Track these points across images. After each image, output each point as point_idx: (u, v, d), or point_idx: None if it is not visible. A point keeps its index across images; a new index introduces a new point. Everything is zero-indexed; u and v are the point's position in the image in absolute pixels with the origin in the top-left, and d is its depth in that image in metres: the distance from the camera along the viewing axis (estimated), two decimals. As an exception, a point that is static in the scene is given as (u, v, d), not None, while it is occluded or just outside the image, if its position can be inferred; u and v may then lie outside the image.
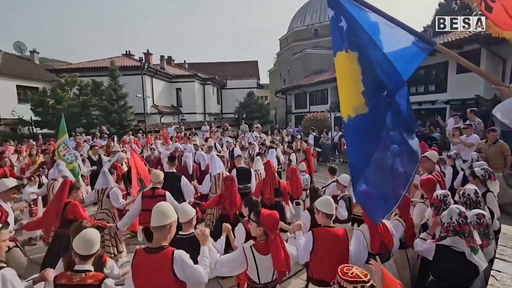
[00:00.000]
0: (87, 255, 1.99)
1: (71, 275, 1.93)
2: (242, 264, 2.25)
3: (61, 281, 1.91)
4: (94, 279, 1.92)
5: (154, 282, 1.95)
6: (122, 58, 22.21)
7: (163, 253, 2.00)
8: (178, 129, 14.48)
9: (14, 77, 19.83)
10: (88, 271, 1.96)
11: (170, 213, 2.12)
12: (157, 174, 3.92)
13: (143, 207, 3.70)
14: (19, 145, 11.06)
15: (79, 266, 1.97)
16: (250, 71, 32.25)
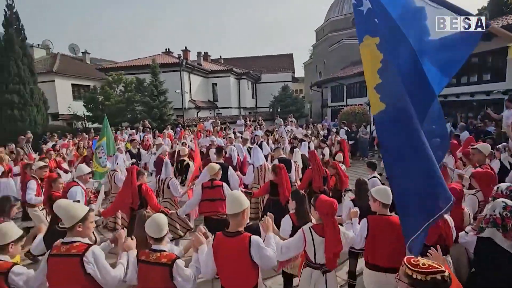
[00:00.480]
0: (159, 237, 2.22)
1: (149, 253, 2.18)
2: (302, 246, 2.46)
3: (142, 257, 2.19)
4: (167, 259, 2.14)
5: (233, 263, 2.19)
6: (162, 56, 23.30)
7: (241, 237, 2.20)
8: (214, 123, 14.91)
9: (70, 77, 21.90)
10: (162, 251, 2.19)
11: (243, 201, 2.29)
12: (213, 167, 4.12)
13: (203, 197, 3.95)
14: (74, 138, 12.24)
15: (155, 246, 2.22)
16: (285, 64, 31.89)
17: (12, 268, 2.08)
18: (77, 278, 2.03)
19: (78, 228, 2.13)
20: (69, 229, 2.14)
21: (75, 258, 2.02)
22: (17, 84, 15.12)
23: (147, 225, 2.26)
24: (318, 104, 29.09)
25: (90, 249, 2.07)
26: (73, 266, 2.02)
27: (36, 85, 16.44)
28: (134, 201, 3.84)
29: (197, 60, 25.92)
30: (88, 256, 2.03)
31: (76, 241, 2.10)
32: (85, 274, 2.02)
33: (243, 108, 27.10)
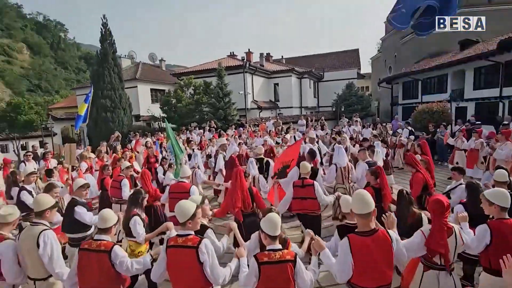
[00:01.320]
0: (275, 235, 2.29)
1: (269, 254, 2.22)
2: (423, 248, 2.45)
3: (263, 259, 2.19)
4: (291, 255, 2.22)
5: (377, 258, 2.19)
6: (227, 59, 24.50)
7: (379, 234, 2.23)
8: (276, 124, 15.03)
9: (149, 82, 24.72)
10: (280, 250, 2.25)
11: (371, 201, 2.29)
12: (305, 166, 4.26)
13: (294, 195, 4.02)
14: (152, 137, 13.76)
15: (272, 246, 2.28)
16: (350, 60, 30.31)
17: (113, 248, 2.51)
18: (193, 266, 2.28)
19: (189, 224, 2.40)
20: (181, 224, 2.41)
21: (191, 249, 2.28)
22: (109, 90, 17.75)
23: (264, 222, 2.34)
24: (387, 102, 26.80)
25: (203, 241, 2.33)
26: (190, 256, 2.28)
27: (124, 91, 19.04)
28: (247, 203, 3.79)
29: (260, 61, 26.49)
30: (202, 247, 2.28)
31: (189, 234, 2.38)
32: (200, 263, 2.26)
33: (304, 107, 26.69)
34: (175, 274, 2.37)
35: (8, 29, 72.24)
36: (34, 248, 2.62)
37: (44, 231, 2.69)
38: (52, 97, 45.67)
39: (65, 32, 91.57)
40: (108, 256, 2.46)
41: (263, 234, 2.32)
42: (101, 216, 2.66)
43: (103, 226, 2.62)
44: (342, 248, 2.27)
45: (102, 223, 2.62)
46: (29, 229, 2.75)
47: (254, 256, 2.24)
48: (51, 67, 74.34)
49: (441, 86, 18.60)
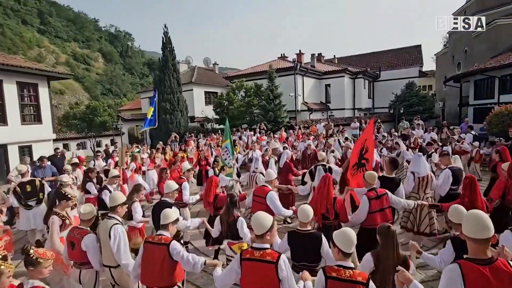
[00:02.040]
0: (348, 253, 2.14)
1: (339, 270, 2.07)
2: None
3: (331, 273, 2.07)
4: (363, 277, 2.03)
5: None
6: (278, 61, 24.61)
7: (499, 265, 1.84)
8: (327, 126, 14.62)
9: (203, 85, 26.11)
10: (352, 268, 2.10)
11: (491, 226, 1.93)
12: (373, 175, 3.89)
13: (371, 209, 3.62)
14: (206, 138, 14.53)
15: (342, 262, 2.12)
16: (410, 57, 27.99)
17: (171, 243, 2.72)
18: (271, 282, 2.21)
19: (267, 236, 2.36)
20: (259, 237, 2.36)
21: (270, 264, 2.21)
22: (169, 94, 19.23)
23: (339, 237, 2.18)
24: (455, 102, 24.04)
25: (282, 257, 2.25)
26: (268, 271, 2.21)
27: (181, 94, 20.45)
28: (330, 212, 3.66)
29: (311, 62, 26.03)
30: (281, 263, 2.21)
31: (266, 247, 2.33)
32: (278, 279, 2.19)
33: (357, 109, 25.44)
34: (250, 286, 2.32)
35: (88, 41, 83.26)
36: (107, 239, 3.00)
37: (114, 225, 3.04)
38: (120, 100, 51.21)
39: (132, 41, 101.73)
40: (167, 248, 2.66)
41: (335, 248, 2.17)
42: (163, 214, 2.89)
43: (163, 222, 2.85)
44: (451, 276, 1.90)
45: (163, 219, 2.86)
46: (105, 222, 3.16)
47: (322, 269, 2.14)
48: (120, 73, 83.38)
49: (525, 84, 16.06)
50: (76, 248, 3.08)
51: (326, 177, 3.78)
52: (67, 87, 61.46)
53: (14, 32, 63.00)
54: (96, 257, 3.10)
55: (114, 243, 2.97)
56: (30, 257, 2.30)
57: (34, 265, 2.30)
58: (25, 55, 51.25)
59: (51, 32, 76.03)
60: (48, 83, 14.62)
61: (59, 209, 3.84)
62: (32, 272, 2.31)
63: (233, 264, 2.40)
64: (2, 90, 12.62)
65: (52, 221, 3.69)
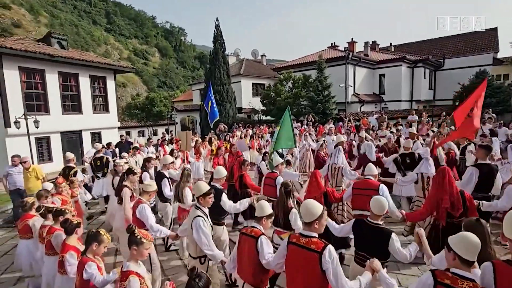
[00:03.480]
0: (471, 261, 1.82)
1: (455, 279, 1.79)
2: None
3: (445, 280, 1.81)
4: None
5: None
6: (328, 51, 23.69)
7: None
8: (380, 119, 13.75)
9: (251, 77, 26.43)
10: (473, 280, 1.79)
11: None
12: None
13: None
14: (254, 129, 14.76)
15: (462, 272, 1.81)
16: (483, 42, 24.63)
17: (260, 236, 2.58)
18: (313, 271, 2.16)
19: (315, 225, 2.29)
20: (307, 224, 2.32)
21: (314, 253, 2.16)
22: (219, 85, 19.90)
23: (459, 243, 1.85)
24: (538, 93, 20.62)
25: (328, 248, 2.16)
26: (312, 260, 2.17)
27: (230, 86, 21.01)
28: (456, 207, 3.31)
29: (364, 51, 24.54)
30: (326, 254, 2.12)
31: (313, 236, 2.28)
32: (321, 270, 2.12)
33: (415, 101, 23.37)
34: (292, 272, 2.33)
35: (146, 37, 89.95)
36: (189, 229, 3.12)
37: (196, 217, 3.03)
38: (174, 92, 54.61)
39: (185, 35, 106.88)
40: (255, 242, 2.54)
41: (451, 253, 1.88)
42: (259, 205, 2.75)
43: (259, 215, 2.71)
44: (484, 273, 1.87)
45: (259, 211, 2.72)
46: (193, 211, 3.18)
47: (432, 272, 1.88)
48: (174, 66, 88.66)
49: None
50: (133, 216, 3.56)
51: (444, 169, 3.52)
52: (128, 80, 67.60)
53: (86, 31, 70.94)
54: (148, 221, 3.49)
55: (197, 235, 2.98)
56: (135, 236, 2.39)
57: (138, 245, 2.36)
58: (95, 51, 57.40)
59: (115, 30, 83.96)
60: (114, 76, 16.25)
61: (128, 183, 4.37)
62: (134, 251, 2.36)
63: (282, 245, 2.47)
64: (78, 83, 14.39)
65: (124, 193, 4.20)
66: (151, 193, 3.78)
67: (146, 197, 3.71)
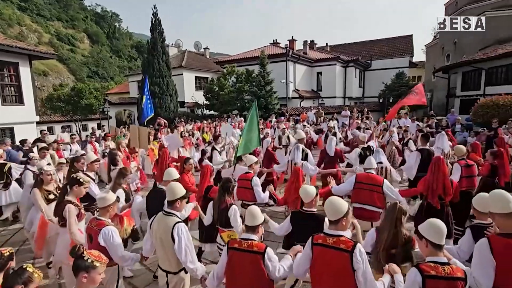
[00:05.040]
0: (440, 244, 1.96)
1: (436, 267, 1.89)
2: None
3: (430, 272, 1.87)
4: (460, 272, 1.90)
5: None
6: (270, 47, 24.27)
7: None
8: (317, 114, 14.67)
9: (194, 70, 25.58)
10: (448, 264, 1.93)
11: None
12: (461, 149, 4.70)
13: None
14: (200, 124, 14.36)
15: (437, 258, 1.95)
16: (401, 47, 28.10)
17: (266, 250, 2.30)
18: (344, 272, 2.06)
19: (343, 222, 2.21)
20: (333, 222, 2.22)
21: (345, 253, 2.06)
22: (158, 77, 18.77)
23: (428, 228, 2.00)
24: (442, 93, 24.51)
25: (358, 246, 2.08)
26: (342, 260, 2.06)
27: (171, 78, 19.99)
28: (447, 192, 3.65)
29: (303, 49, 25.80)
30: (356, 253, 2.04)
31: (341, 235, 2.16)
32: (353, 270, 2.03)
33: (348, 98, 25.59)
34: (320, 275, 2.19)
35: (72, 20, 79.55)
36: (167, 240, 2.53)
37: (177, 224, 2.54)
38: (107, 83, 49.74)
39: (119, 22, 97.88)
40: (262, 257, 2.24)
41: (423, 241, 1.99)
42: (251, 213, 2.42)
43: (252, 224, 2.39)
44: (479, 250, 2.07)
45: (251, 220, 2.40)
46: (163, 219, 2.62)
47: (417, 267, 1.91)
48: (107, 55, 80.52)
49: (508, 77, 16.44)
50: (94, 241, 2.63)
51: (437, 159, 3.79)
52: (51, 68, 59.06)
53: (-8, 8, 59.62)
54: (118, 251, 2.63)
55: (180, 245, 2.49)
56: (84, 260, 1.90)
57: (89, 270, 1.89)
58: (5, 33, 48.67)
59: (32, 9, 72.26)
60: (30, 63, 13.99)
61: (72, 197, 3.31)
62: (84, 279, 1.89)
63: (306, 249, 2.28)
64: (-20, 69, 12.02)
65: (68, 211, 3.15)
66: (110, 208, 2.80)
67: (107, 215, 2.78)
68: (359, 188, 3.81)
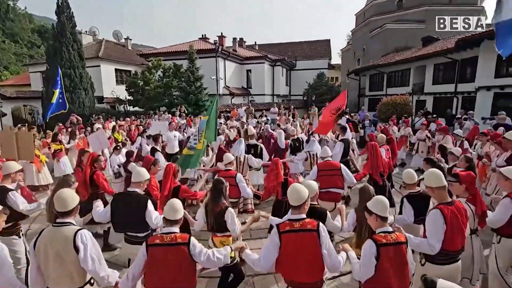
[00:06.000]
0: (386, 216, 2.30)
1: (386, 236, 2.20)
2: None
3: (382, 241, 2.17)
4: (403, 237, 2.30)
5: (463, 223, 2.54)
6: (199, 42, 23.64)
7: (458, 204, 2.59)
8: (248, 110, 14.96)
9: (113, 62, 23.14)
10: (394, 232, 2.29)
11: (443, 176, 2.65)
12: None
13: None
14: (117, 121, 13.02)
15: (385, 228, 2.28)
16: (321, 50, 30.79)
17: (190, 240, 2.29)
18: (315, 250, 2.21)
19: (305, 206, 2.36)
20: (296, 207, 2.34)
21: (313, 232, 2.23)
22: (68, 68, 16.31)
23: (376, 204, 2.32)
24: (355, 93, 27.85)
25: (320, 224, 2.29)
26: (312, 240, 2.22)
27: (85, 70, 17.61)
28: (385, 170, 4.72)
29: (232, 46, 25.94)
30: (321, 229, 2.25)
31: (304, 217, 2.32)
32: (320, 246, 2.21)
33: (276, 95, 26.84)
34: (294, 260, 2.25)
35: None
36: (68, 253, 2.19)
37: (79, 231, 2.23)
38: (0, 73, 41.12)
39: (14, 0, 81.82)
40: (187, 247, 2.23)
41: (372, 216, 2.28)
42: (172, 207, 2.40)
43: (173, 217, 2.37)
44: (434, 219, 2.44)
45: (172, 213, 2.38)
46: (55, 231, 2.25)
47: (372, 239, 2.18)
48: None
49: (404, 80, 19.67)
50: None
51: (373, 145, 4.68)
52: None
53: None
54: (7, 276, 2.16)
55: (86, 253, 2.19)
56: None
57: None
58: None
59: None
60: None
61: None
62: None
63: (272, 240, 2.30)
64: None
65: None
66: None
67: None
68: (322, 175, 4.29)
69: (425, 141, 8.59)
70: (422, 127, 9.05)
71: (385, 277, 2.10)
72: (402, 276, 2.13)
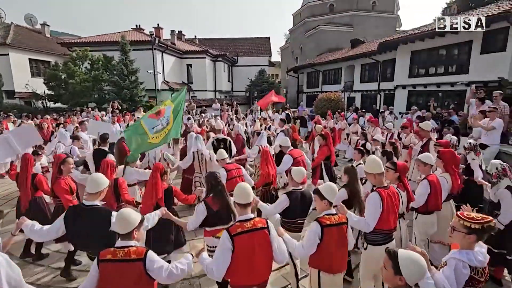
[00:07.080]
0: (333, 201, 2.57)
1: (330, 218, 2.47)
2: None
3: (326, 222, 2.44)
4: (345, 219, 2.61)
5: (395, 205, 2.82)
6: (132, 33, 21.84)
7: (391, 188, 2.90)
8: (189, 107, 14.43)
9: (27, 50, 19.86)
10: (336, 214, 2.58)
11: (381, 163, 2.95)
12: None
13: None
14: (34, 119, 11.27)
15: (331, 211, 2.55)
16: (262, 47, 31.41)
17: (147, 254, 2.00)
18: (268, 247, 2.26)
19: (248, 208, 2.35)
20: (244, 206, 2.33)
21: (263, 230, 2.25)
22: (-37, 56, 13.48)
23: (329, 191, 2.55)
24: (294, 89, 29.24)
25: (268, 220, 2.35)
26: (264, 237, 2.26)
27: (-13, 58, 14.76)
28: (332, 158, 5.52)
29: (171, 39, 24.70)
30: (270, 226, 2.32)
31: (253, 217, 2.32)
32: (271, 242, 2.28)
33: (218, 91, 26.51)
34: (252, 261, 2.19)
35: None
36: None
37: None
38: None
39: None
40: (143, 264, 1.94)
41: (324, 201, 2.49)
42: (122, 218, 2.04)
43: (125, 231, 2.04)
44: (373, 201, 2.68)
45: (125, 225, 2.04)
46: None
47: (317, 220, 2.42)
48: None
49: (336, 78, 21.38)
50: None
51: (328, 134, 5.43)
52: None
53: None
54: None
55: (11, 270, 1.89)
56: None
57: None
58: None
59: None
60: None
61: None
62: None
63: (223, 244, 2.15)
64: None
65: None
66: None
67: None
68: (297, 162, 4.67)
69: (356, 134, 9.49)
70: (354, 121, 9.95)
71: (328, 252, 2.41)
72: (342, 249, 2.50)
